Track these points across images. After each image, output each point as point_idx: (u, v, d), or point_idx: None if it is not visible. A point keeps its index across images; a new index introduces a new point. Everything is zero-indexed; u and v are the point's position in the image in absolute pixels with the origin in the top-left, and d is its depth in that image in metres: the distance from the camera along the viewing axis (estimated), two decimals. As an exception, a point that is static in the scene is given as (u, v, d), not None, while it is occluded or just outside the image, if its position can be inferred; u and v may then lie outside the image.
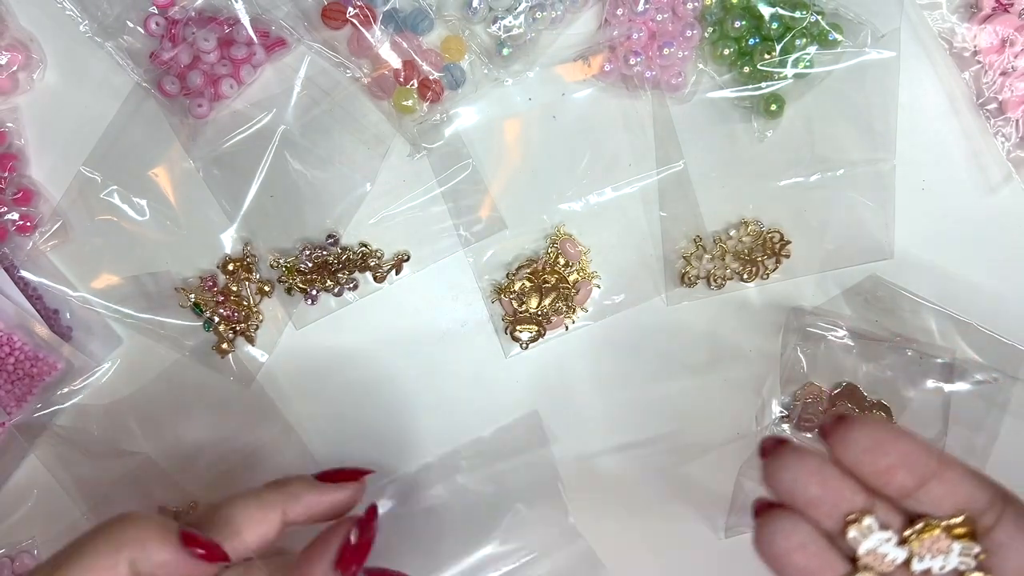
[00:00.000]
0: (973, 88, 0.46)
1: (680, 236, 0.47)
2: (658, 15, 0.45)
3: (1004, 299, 0.47)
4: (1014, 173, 0.46)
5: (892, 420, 0.46)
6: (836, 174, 0.46)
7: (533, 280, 0.47)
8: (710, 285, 0.47)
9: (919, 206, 0.47)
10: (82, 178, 0.46)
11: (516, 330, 0.47)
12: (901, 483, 0.28)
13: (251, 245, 0.47)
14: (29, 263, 0.47)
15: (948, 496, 0.28)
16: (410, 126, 0.46)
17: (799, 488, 0.28)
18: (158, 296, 0.47)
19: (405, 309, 0.48)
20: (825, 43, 0.45)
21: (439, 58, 0.46)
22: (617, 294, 0.48)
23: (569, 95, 0.47)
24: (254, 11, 0.45)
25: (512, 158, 0.47)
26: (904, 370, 0.46)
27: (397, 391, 0.48)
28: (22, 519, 0.48)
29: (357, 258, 0.47)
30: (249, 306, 0.47)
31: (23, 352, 0.46)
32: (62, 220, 0.47)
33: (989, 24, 0.45)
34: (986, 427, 0.47)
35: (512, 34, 0.45)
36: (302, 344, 0.48)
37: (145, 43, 0.46)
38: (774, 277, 0.47)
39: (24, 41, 0.46)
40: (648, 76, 0.45)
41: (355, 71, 0.46)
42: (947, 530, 0.28)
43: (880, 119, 0.46)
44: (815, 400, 0.47)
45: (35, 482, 0.48)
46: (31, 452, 0.48)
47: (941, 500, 0.28)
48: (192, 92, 0.45)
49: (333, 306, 0.48)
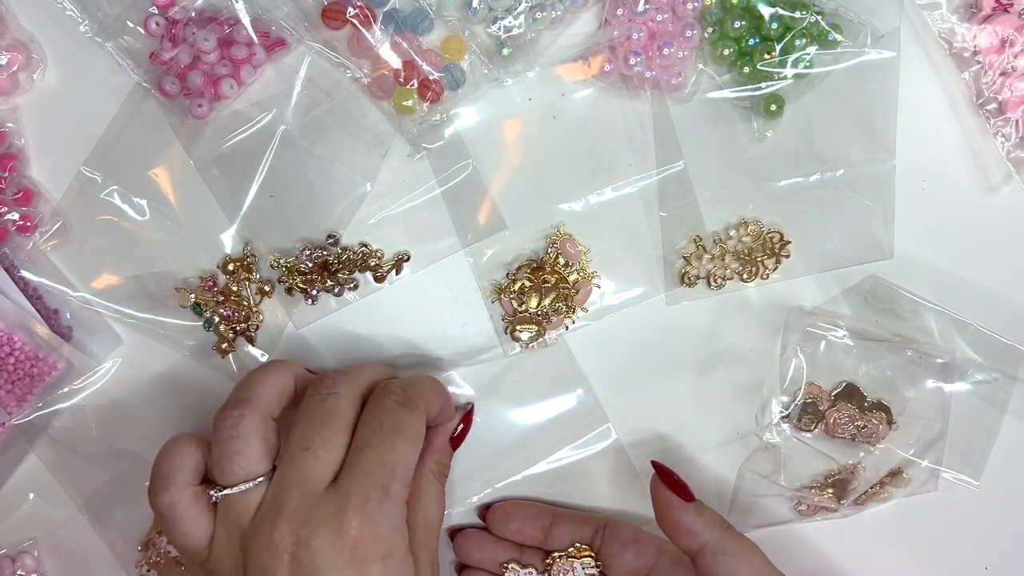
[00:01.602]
0: (973, 88, 0.46)
1: (680, 236, 0.47)
2: (658, 15, 0.45)
3: (1004, 299, 0.47)
4: (1014, 173, 0.46)
5: (892, 420, 0.46)
6: (836, 174, 0.46)
7: (533, 280, 0.47)
8: (710, 285, 0.47)
9: (919, 206, 0.47)
10: (82, 178, 0.46)
11: (516, 330, 0.47)
12: (531, 535, 0.45)
13: (251, 245, 0.47)
14: (29, 263, 0.47)
15: (566, 535, 0.45)
16: (410, 126, 0.46)
17: (471, 554, 0.46)
18: (158, 296, 0.47)
19: (405, 309, 0.48)
20: (825, 43, 0.45)
21: (439, 58, 0.46)
22: (617, 294, 0.48)
23: (569, 95, 0.47)
24: (254, 11, 0.45)
25: (512, 158, 0.47)
26: (904, 370, 0.46)
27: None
28: (22, 519, 0.49)
29: (357, 258, 0.47)
30: (249, 306, 0.47)
31: (23, 352, 0.46)
32: (62, 220, 0.47)
33: (989, 24, 0.45)
34: (985, 427, 0.47)
35: (512, 34, 0.45)
36: (302, 344, 0.48)
37: (145, 43, 0.46)
38: (774, 277, 0.47)
39: (24, 41, 0.46)
40: (648, 76, 0.46)
41: (355, 71, 0.46)
42: (569, 556, 0.45)
43: (880, 119, 0.46)
44: (815, 400, 0.47)
45: (35, 482, 0.48)
46: (31, 452, 0.48)
47: (562, 538, 0.45)
48: (192, 92, 0.45)
49: (333, 306, 0.48)
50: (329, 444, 0.35)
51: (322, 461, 0.35)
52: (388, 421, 0.37)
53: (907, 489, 0.47)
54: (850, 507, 0.47)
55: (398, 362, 0.48)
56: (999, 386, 0.47)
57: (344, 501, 0.34)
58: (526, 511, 0.46)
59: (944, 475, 0.46)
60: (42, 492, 0.48)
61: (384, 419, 0.37)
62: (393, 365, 0.48)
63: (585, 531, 0.45)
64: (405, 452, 0.36)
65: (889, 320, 0.47)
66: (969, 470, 0.47)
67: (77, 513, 0.48)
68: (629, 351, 0.48)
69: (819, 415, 0.47)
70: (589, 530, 0.45)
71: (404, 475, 0.36)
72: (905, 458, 0.46)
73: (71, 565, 0.49)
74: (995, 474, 0.47)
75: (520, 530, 0.45)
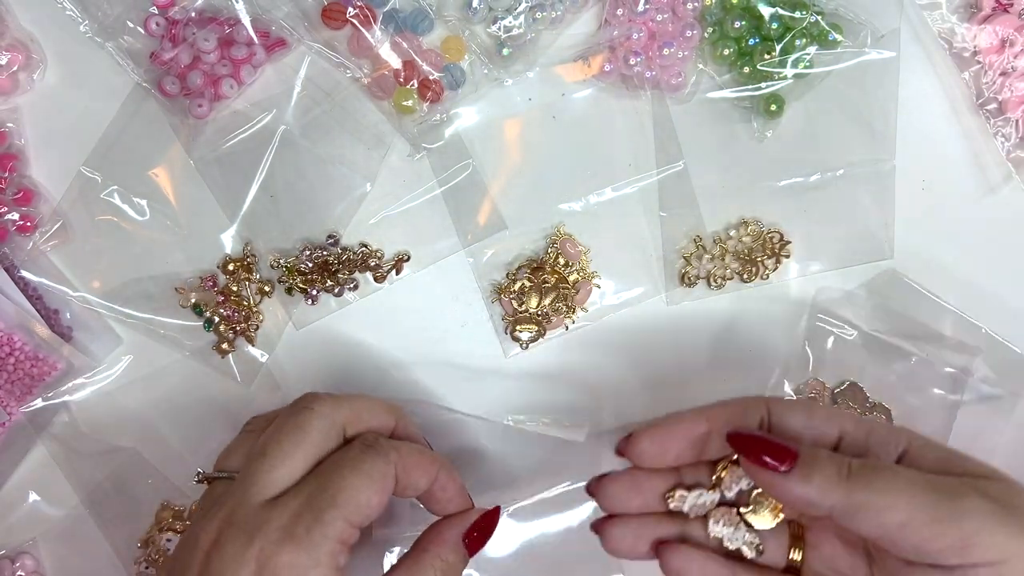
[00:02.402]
0: (973, 88, 0.46)
1: (680, 236, 0.47)
2: (658, 15, 0.45)
3: (1004, 299, 0.47)
4: (1014, 173, 0.46)
5: (891, 423, 0.46)
6: (836, 174, 0.46)
7: (533, 280, 0.47)
8: (710, 285, 0.47)
9: (919, 206, 0.47)
10: (82, 178, 0.46)
11: (516, 330, 0.47)
12: (693, 453, 0.35)
13: (251, 245, 0.47)
14: (29, 263, 0.47)
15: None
16: (410, 126, 0.46)
17: (629, 501, 0.36)
18: (158, 296, 0.47)
19: (405, 309, 0.48)
20: (825, 43, 0.45)
21: (439, 58, 0.46)
22: (617, 294, 0.48)
23: (569, 95, 0.47)
24: (254, 11, 0.45)
25: (512, 158, 0.47)
26: (910, 376, 0.46)
27: (397, 391, 0.48)
28: (22, 519, 0.48)
29: (357, 258, 0.47)
30: (249, 306, 0.47)
31: (23, 352, 0.46)
32: (62, 220, 0.47)
33: (989, 24, 0.45)
34: (983, 441, 0.47)
35: (512, 34, 0.45)
36: (302, 344, 0.48)
37: (145, 43, 0.46)
38: (774, 277, 0.47)
39: (24, 41, 0.46)
40: (648, 76, 0.46)
41: (355, 71, 0.46)
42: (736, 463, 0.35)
43: (880, 119, 0.46)
44: (818, 395, 0.47)
45: (35, 482, 0.48)
46: (31, 452, 0.48)
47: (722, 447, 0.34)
48: (192, 92, 0.45)
49: (333, 306, 0.48)
50: (285, 458, 0.33)
51: (271, 473, 0.33)
52: (347, 457, 0.34)
53: None
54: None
55: (398, 361, 0.48)
56: (1003, 402, 0.47)
57: (274, 517, 0.32)
58: (681, 428, 0.35)
59: None
60: (42, 492, 0.48)
61: (344, 456, 0.34)
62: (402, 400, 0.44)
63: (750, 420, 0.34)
64: (356, 487, 0.33)
65: (901, 318, 0.47)
66: None
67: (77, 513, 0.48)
68: (629, 351, 0.48)
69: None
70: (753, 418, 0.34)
71: (348, 508, 0.32)
72: None
73: (71, 565, 0.49)
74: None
75: (681, 453, 0.35)
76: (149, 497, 0.48)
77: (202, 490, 0.49)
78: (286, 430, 0.34)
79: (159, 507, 0.48)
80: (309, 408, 0.35)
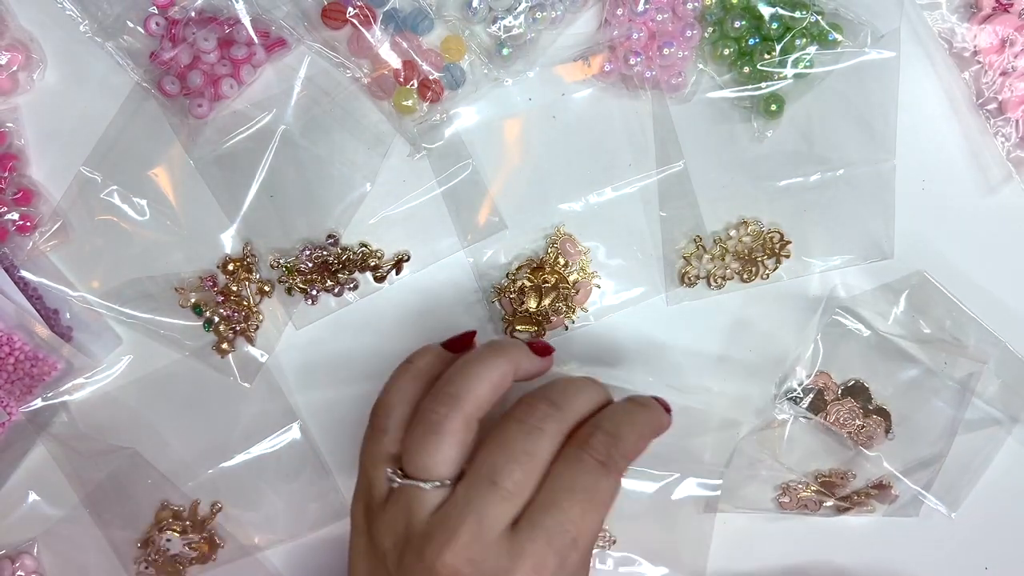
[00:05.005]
0: (973, 88, 0.46)
1: (680, 236, 0.47)
2: (658, 15, 0.45)
3: (1004, 299, 0.47)
4: (1014, 173, 0.46)
5: (889, 427, 0.47)
6: (836, 174, 0.46)
7: (533, 280, 0.47)
8: (710, 285, 0.47)
9: (919, 206, 0.47)
10: (82, 178, 0.46)
11: (516, 330, 0.47)
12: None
13: (251, 245, 0.47)
14: (29, 263, 0.47)
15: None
16: (410, 126, 0.46)
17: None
18: (158, 296, 0.47)
19: (405, 309, 0.48)
20: (825, 43, 0.45)
21: (439, 58, 0.46)
22: (617, 294, 0.48)
23: (569, 95, 0.47)
24: (254, 11, 0.45)
25: (512, 158, 0.47)
26: (917, 385, 0.47)
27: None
28: (22, 519, 0.48)
29: (357, 258, 0.47)
30: (249, 306, 0.47)
31: (23, 352, 0.46)
32: (62, 220, 0.47)
33: (989, 24, 0.45)
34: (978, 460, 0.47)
35: (512, 34, 0.45)
36: (302, 344, 0.48)
37: (145, 43, 0.46)
38: (774, 277, 0.47)
39: (24, 41, 0.46)
40: (648, 76, 0.46)
41: (355, 71, 0.46)
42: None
43: (880, 119, 0.46)
44: (824, 389, 0.47)
45: (35, 482, 0.48)
46: (31, 452, 0.48)
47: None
48: (192, 92, 0.45)
49: (333, 306, 0.48)
50: (520, 487, 0.33)
51: (507, 503, 0.32)
52: (582, 484, 0.33)
53: (889, 507, 0.47)
54: (830, 509, 0.47)
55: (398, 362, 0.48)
56: (1003, 427, 0.47)
57: (517, 557, 0.31)
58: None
59: (923, 498, 0.46)
60: (41, 492, 0.48)
61: (578, 480, 0.33)
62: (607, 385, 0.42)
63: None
64: (593, 524, 0.33)
65: (918, 323, 0.47)
66: (950, 500, 0.47)
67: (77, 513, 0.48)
68: (629, 351, 0.48)
69: (824, 404, 0.47)
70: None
71: (585, 548, 0.33)
72: (891, 472, 0.46)
73: (71, 565, 0.49)
74: (988, 505, 0.48)
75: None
76: (149, 497, 0.48)
77: (202, 490, 0.49)
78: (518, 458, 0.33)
79: (158, 507, 0.48)
80: (540, 430, 0.34)
